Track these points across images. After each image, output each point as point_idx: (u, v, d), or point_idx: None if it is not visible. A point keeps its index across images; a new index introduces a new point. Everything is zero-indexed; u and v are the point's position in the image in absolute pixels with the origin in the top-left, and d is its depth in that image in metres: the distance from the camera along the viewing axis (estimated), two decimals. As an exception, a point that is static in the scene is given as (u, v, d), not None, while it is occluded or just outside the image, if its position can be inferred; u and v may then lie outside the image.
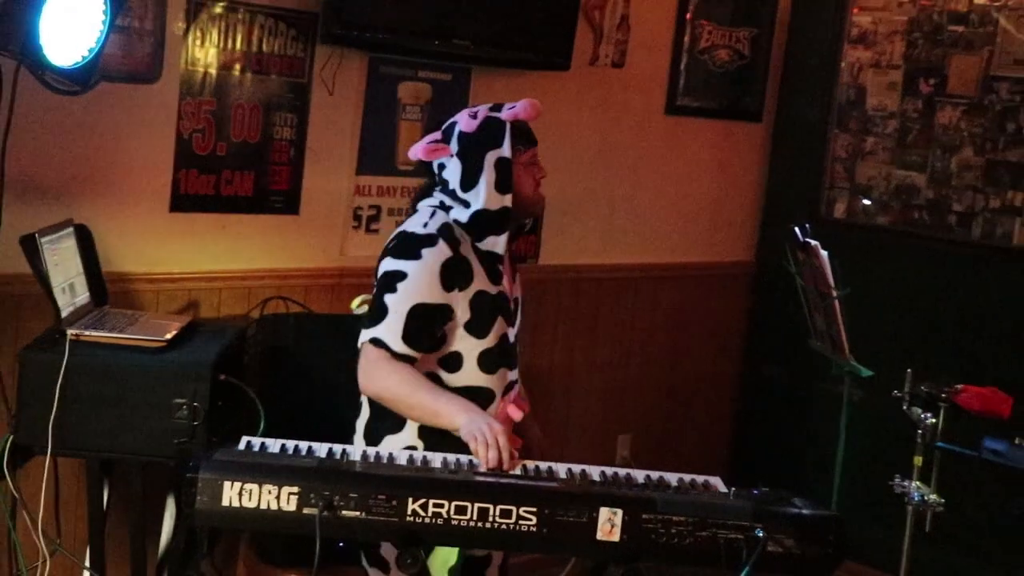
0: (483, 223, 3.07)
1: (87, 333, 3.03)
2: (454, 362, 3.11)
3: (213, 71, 3.81)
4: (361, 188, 4.31)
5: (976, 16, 5.09)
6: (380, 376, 2.99)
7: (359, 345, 3.04)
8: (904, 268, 5.21)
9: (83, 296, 3.23)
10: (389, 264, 3.01)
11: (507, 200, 3.04)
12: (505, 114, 3.07)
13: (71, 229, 3.24)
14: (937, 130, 5.21)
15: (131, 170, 3.71)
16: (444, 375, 3.10)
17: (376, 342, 2.97)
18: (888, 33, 5.34)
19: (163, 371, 3.02)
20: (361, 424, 3.15)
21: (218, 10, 3.76)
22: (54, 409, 2.88)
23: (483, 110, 3.12)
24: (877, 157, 5.43)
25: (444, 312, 3.04)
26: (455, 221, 3.08)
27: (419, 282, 2.99)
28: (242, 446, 2.64)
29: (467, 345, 3.10)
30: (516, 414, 3.20)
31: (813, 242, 3.86)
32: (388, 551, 3.15)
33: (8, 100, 2.99)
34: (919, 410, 3.55)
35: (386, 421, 3.08)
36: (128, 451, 3.06)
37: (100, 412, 2.98)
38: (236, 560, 3.99)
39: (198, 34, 3.75)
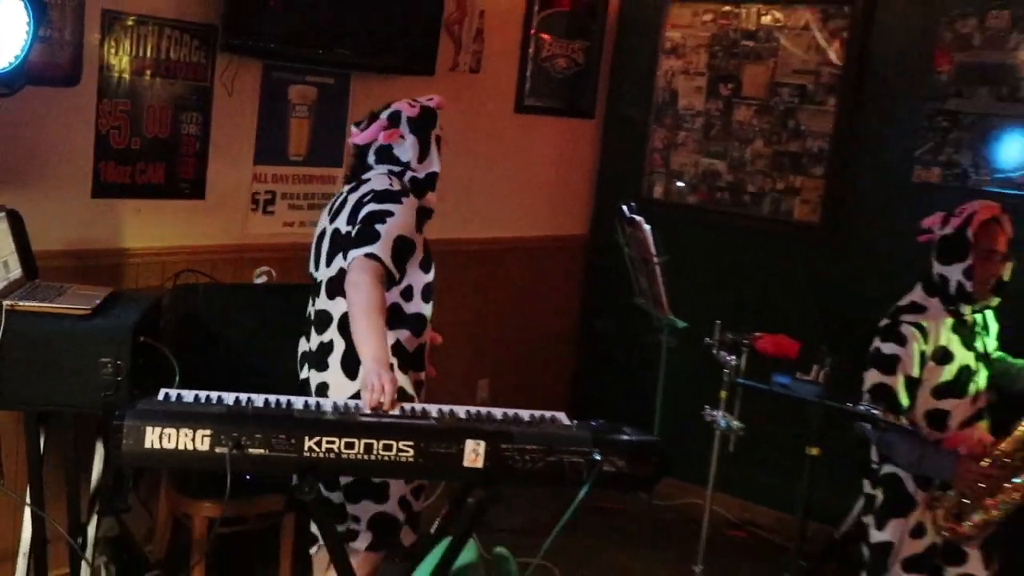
0: (431, 183, 3.31)
1: (21, 304, 3.03)
2: (408, 293, 3.27)
3: (127, 76, 3.83)
4: (258, 176, 4.38)
5: (763, 34, 5.34)
6: (359, 288, 3.04)
7: (348, 262, 3.11)
8: (710, 238, 5.48)
9: (16, 272, 3.24)
10: (374, 207, 3.13)
11: (438, 167, 3.33)
12: (433, 103, 3.32)
13: (3, 213, 3.25)
14: (734, 126, 5.47)
15: (56, 162, 3.74)
16: (403, 303, 3.26)
17: (371, 256, 3.06)
18: (695, 46, 5.55)
19: (89, 335, 3.04)
20: (336, 359, 3.22)
21: (130, 23, 3.79)
22: None
23: (414, 102, 3.32)
24: (687, 148, 5.64)
25: (412, 246, 3.21)
26: (406, 182, 3.28)
27: (403, 219, 3.15)
28: (160, 397, 2.66)
29: (417, 279, 3.27)
30: (437, 339, 3.42)
31: (638, 218, 4.01)
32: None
33: None
34: (725, 354, 3.79)
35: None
36: (61, 404, 3.09)
37: (35, 371, 2.99)
38: (158, 494, 4.09)
39: (112, 44, 3.77)
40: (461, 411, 2.85)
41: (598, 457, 2.59)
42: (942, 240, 3.68)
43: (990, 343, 3.78)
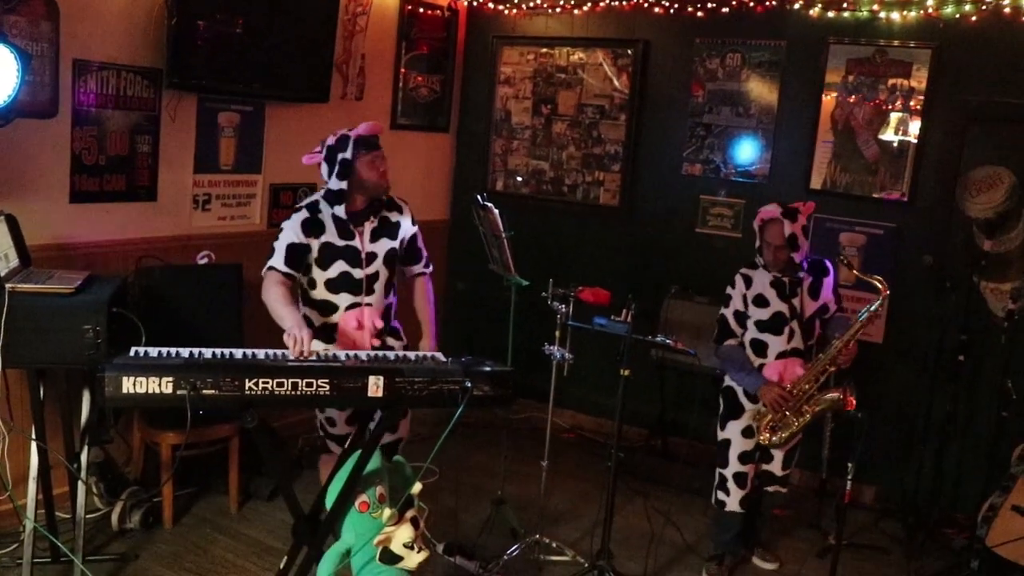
0: (331, 198, 3.32)
1: (20, 286, 3.10)
2: (312, 283, 3.39)
3: (93, 109, 3.90)
4: (198, 182, 4.45)
5: (571, 68, 5.59)
6: (267, 291, 3.22)
7: (262, 273, 3.28)
8: (540, 219, 5.65)
9: (14, 261, 3.29)
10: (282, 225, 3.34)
11: (344, 184, 3.27)
12: (352, 132, 3.30)
13: (2, 217, 3.31)
14: (553, 136, 5.70)
15: (41, 176, 3.78)
16: (309, 291, 3.40)
17: (269, 268, 3.27)
18: (522, 78, 5.77)
19: (74, 308, 3.09)
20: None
21: (94, 68, 3.86)
22: (1, 337, 2.95)
23: (341, 131, 3.33)
24: (520, 153, 5.84)
25: (305, 248, 3.31)
26: (323, 198, 3.34)
27: (288, 231, 3.30)
28: (132, 354, 2.70)
29: (317, 273, 3.37)
30: (378, 324, 3.38)
31: (489, 204, 4.03)
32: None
33: None
34: (557, 303, 3.84)
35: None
36: (55, 362, 3.16)
37: (33, 337, 3.04)
38: (132, 428, 4.18)
39: (82, 84, 3.84)
40: (363, 355, 2.94)
41: (469, 384, 2.73)
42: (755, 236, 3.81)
43: (810, 305, 3.75)
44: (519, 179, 5.89)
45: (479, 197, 4.13)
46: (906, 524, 4.51)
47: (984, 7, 4.40)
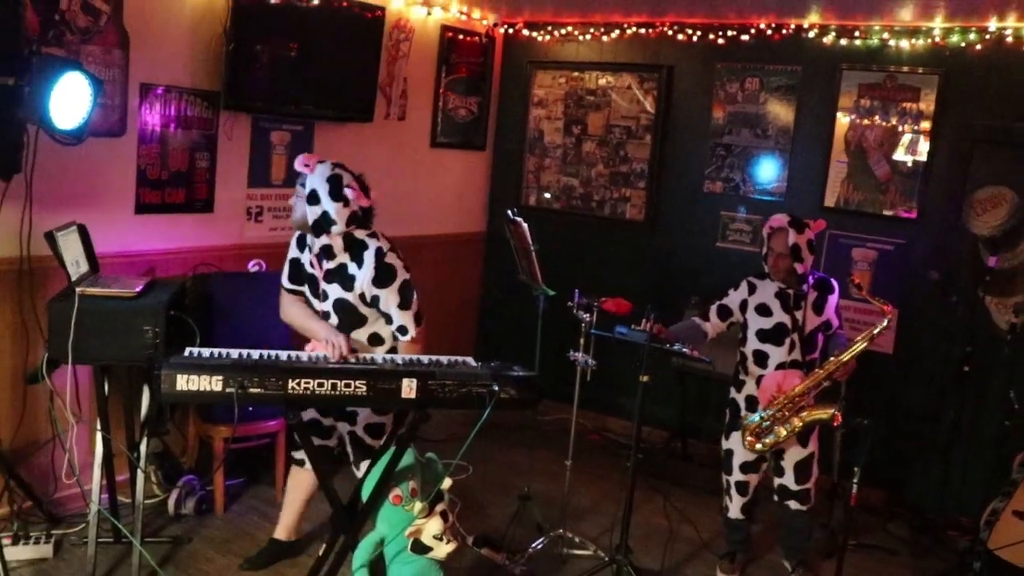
0: (319, 227, 3.10)
1: (89, 290, 3.17)
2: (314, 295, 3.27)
3: (157, 128, 3.97)
4: (251, 195, 4.51)
5: (600, 91, 5.60)
6: (284, 312, 3.25)
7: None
8: (569, 233, 5.67)
9: (84, 267, 3.37)
10: None
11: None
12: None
13: (75, 227, 3.40)
14: (583, 155, 5.70)
15: (110, 190, 3.85)
16: (313, 302, 3.28)
17: (281, 286, 3.31)
18: (554, 100, 5.78)
19: (136, 310, 3.15)
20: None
21: (159, 91, 3.94)
22: (71, 336, 3.03)
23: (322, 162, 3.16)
24: (551, 170, 5.85)
25: (299, 262, 3.23)
26: None
27: (291, 244, 3.29)
28: (187, 354, 2.71)
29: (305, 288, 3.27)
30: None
31: (519, 218, 4.03)
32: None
33: (32, 150, 3.21)
34: (581, 312, 3.82)
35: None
36: (118, 359, 3.21)
37: (99, 337, 3.11)
38: (188, 421, 4.25)
39: (147, 106, 3.91)
40: (399, 359, 2.96)
41: (496, 388, 2.72)
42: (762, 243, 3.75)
43: (813, 319, 3.67)
44: (550, 195, 5.91)
45: (509, 212, 4.14)
46: (912, 526, 4.47)
47: (988, 36, 4.41)
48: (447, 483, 2.93)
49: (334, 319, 3.17)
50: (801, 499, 3.76)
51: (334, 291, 3.15)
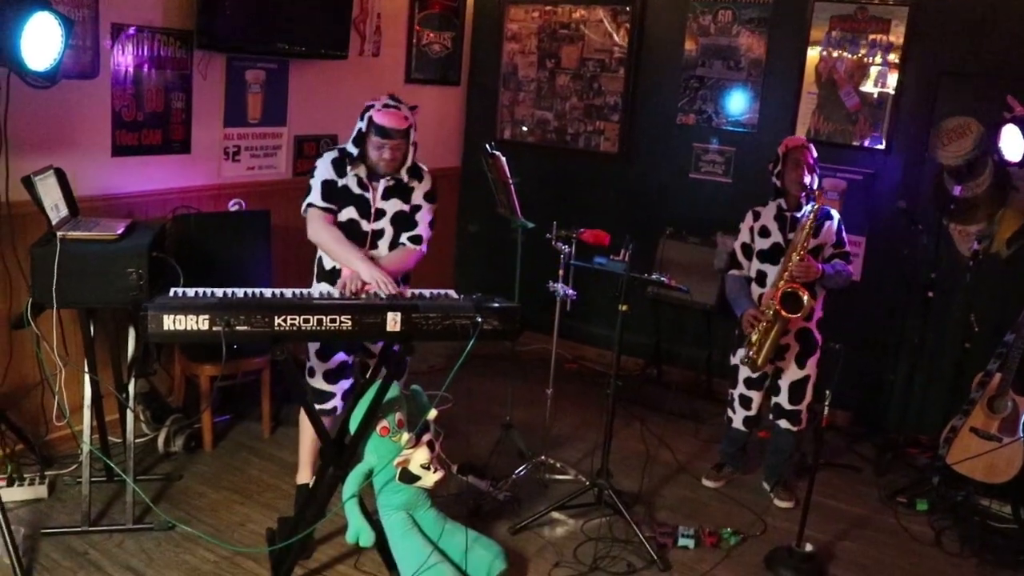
0: (348, 155, 3.21)
1: (70, 233, 3.12)
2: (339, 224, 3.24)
3: (131, 69, 3.90)
4: (228, 135, 4.44)
5: (574, 25, 5.56)
6: (317, 232, 3.15)
7: (302, 212, 3.20)
8: (545, 165, 5.66)
9: (64, 211, 3.30)
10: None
11: (355, 151, 3.18)
12: (375, 108, 3.16)
13: (52, 171, 3.31)
14: (557, 88, 5.67)
15: (85, 132, 3.79)
16: (361, 223, 3.25)
17: (309, 205, 3.18)
18: (527, 34, 5.73)
19: (118, 253, 3.11)
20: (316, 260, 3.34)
21: (131, 31, 3.86)
22: (54, 280, 2.99)
23: (373, 100, 3.18)
24: (526, 104, 5.82)
25: (336, 185, 3.20)
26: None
27: (322, 168, 3.22)
28: (171, 294, 2.69)
29: (343, 214, 3.25)
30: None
31: (497, 152, 4.00)
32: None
33: (5, 95, 3.20)
34: (560, 244, 3.80)
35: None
36: (103, 302, 3.15)
37: (83, 280, 3.06)
38: (174, 361, 4.25)
39: (120, 47, 3.83)
40: (382, 293, 2.93)
41: (479, 319, 2.71)
42: (774, 163, 3.73)
43: (813, 241, 3.63)
44: (525, 129, 5.87)
45: (488, 146, 4.09)
46: (876, 445, 4.59)
47: (958, -32, 4.35)
48: (432, 414, 2.93)
49: (389, 232, 3.27)
50: (792, 419, 3.85)
51: (393, 205, 3.25)
